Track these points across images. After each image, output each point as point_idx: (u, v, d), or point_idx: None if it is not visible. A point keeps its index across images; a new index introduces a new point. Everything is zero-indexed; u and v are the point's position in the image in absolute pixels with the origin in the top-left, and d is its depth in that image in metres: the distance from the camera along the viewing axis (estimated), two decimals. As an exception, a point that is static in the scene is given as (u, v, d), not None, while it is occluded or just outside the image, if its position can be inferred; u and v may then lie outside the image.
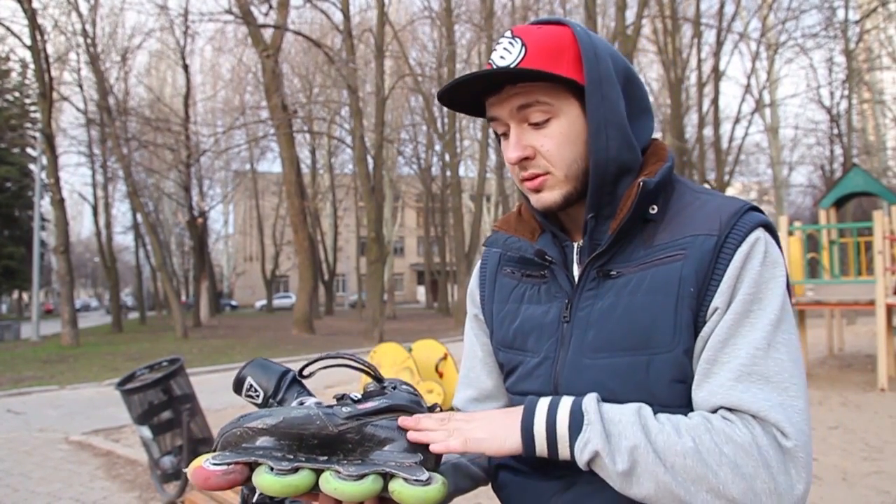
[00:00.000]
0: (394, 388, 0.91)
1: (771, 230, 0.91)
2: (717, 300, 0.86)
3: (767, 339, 0.83)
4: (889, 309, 7.77)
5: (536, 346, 0.98)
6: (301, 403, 0.90)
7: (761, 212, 0.92)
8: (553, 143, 0.92)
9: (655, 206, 0.92)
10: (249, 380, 0.94)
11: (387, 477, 0.82)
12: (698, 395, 0.85)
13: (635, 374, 0.88)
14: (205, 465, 0.81)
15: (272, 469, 0.79)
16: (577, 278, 0.96)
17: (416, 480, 0.81)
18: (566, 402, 0.85)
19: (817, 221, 11.68)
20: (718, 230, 0.88)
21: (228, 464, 0.81)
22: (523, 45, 0.90)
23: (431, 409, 0.92)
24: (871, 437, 5.47)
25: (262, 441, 0.82)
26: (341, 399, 0.89)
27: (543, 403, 0.86)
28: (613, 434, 0.81)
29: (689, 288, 0.87)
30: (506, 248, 1.04)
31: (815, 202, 18.21)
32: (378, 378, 0.92)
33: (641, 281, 0.90)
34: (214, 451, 0.84)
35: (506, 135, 0.96)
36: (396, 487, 0.81)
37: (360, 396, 0.90)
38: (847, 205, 14.09)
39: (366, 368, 0.91)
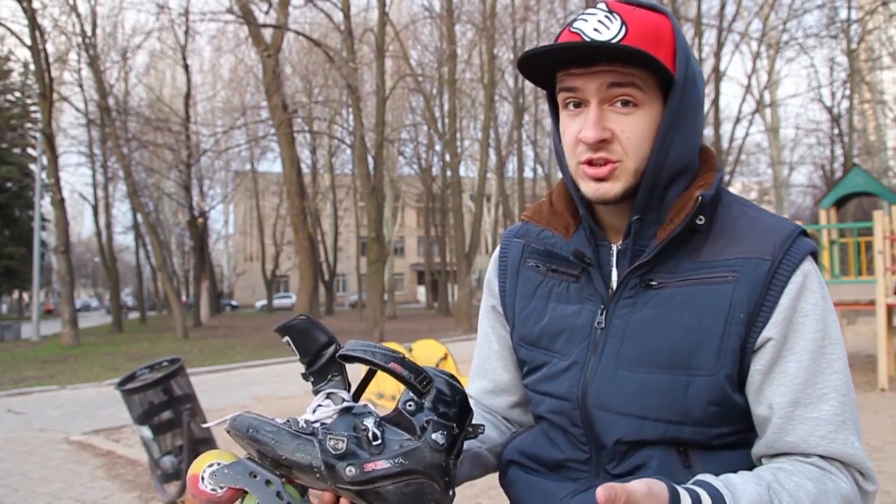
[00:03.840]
0: (436, 412, 0.83)
1: (816, 257, 0.90)
2: (772, 331, 0.84)
3: (847, 384, 0.85)
4: (889, 309, 7.76)
5: (566, 349, 0.94)
6: (327, 397, 0.85)
7: (809, 235, 0.89)
8: (636, 131, 0.86)
9: (703, 217, 0.88)
10: (287, 339, 0.89)
11: None
12: (786, 438, 0.85)
13: (673, 394, 0.86)
14: (200, 484, 0.81)
15: None
16: (614, 284, 0.93)
17: None
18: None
19: (818, 221, 11.67)
20: (773, 255, 0.85)
21: (221, 487, 0.81)
22: (623, 22, 0.85)
23: (475, 428, 0.88)
24: (871, 437, 5.46)
25: (262, 459, 0.80)
26: (363, 416, 0.83)
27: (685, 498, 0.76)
28: None
29: (739, 314, 0.84)
30: (537, 242, 1.00)
31: (816, 202, 18.21)
32: (420, 390, 0.83)
33: (687, 298, 0.87)
34: (226, 431, 0.82)
35: (577, 106, 0.88)
36: None
37: (389, 412, 0.85)
38: (847, 205, 14.10)
39: (406, 378, 0.82)
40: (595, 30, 0.85)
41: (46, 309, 43.39)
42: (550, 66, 0.89)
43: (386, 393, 6.60)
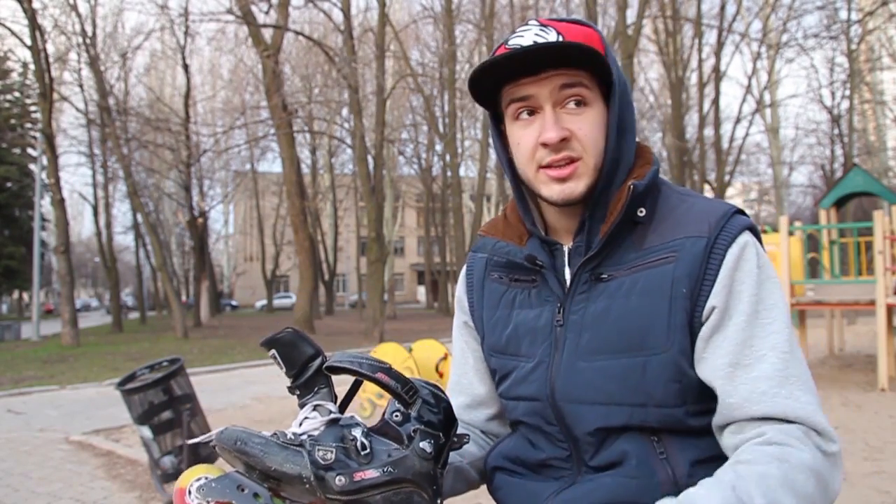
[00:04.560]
0: (422, 421, 0.83)
1: (756, 233, 0.92)
2: (714, 300, 0.87)
3: (788, 342, 0.85)
4: (889, 309, 7.76)
5: (530, 351, 0.98)
6: (314, 409, 0.86)
7: (746, 215, 0.93)
8: (591, 128, 0.91)
9: (643, 209, 0.93)
10: (274, 352, 0.90)
11: None
12: (728, 400, 0.85)
13: (632, 376, 0.88)
14: (187, 498, 0.81)
15: None
16: (568, 282, 0.96)
17: None
18: None
19: (818, 221, 11.67)
20: (708, 232, 0.89)
21: (209, 501, 0.80)
22: (558, 33, 0.90)
23: (460, 438, 0.89)
24: (871, 437, 5.46)
25: (250, 472, 0.80)
26: (350, 427, 0.83)
27: None
28: None
29: (681, 289, 0.87)
30: (494, 253, 1.04)
31: (816, 202, 18.20)
32: (406, 401, 0.84)
33: (634, 284, 0.90)
34: (211, 446, 0.82)
35: (531, 114, 0.93)
36: None
37: (376, 423, 0.85)
38: (847, 205, 14.08)
39: (393, 388, 0.83)
40: (534, 42, 0.89)
41: (46, 309, 43.38)
42: (499, 82, 0.93)
43: (386, 393, 6.60)
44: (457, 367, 1.15)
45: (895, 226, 8.57)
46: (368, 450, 0.81)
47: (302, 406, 0.88)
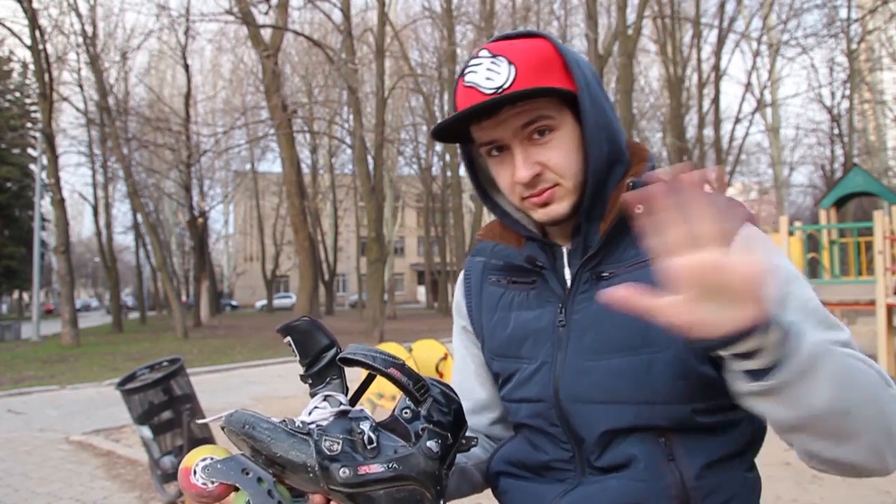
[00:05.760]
0: (431, 420, 0.83)
1: (755, 223, 0.91)
2: None
3: (813, 299, 0.84)
4: (889, 309, 7.76)
5: (532, 352, 0.97)
6: (324, 399, 0.86)
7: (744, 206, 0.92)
8: (561, 155, 0.91)
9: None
10: (289, 339, 0.90)
11: None
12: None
13: (638, 374, 0.87)
14: (192, 477, 0.82)
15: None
16: (569, 282, 0.96)
17: None
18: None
19: (818, 221, 11.68)
20: None
21: (213, 482, 0.81)
22: (510, 63, 0.89)
23: (468, 440, 0.89)
24: (871, 437, 5.46)
25: (256, 456, 0.80)
26: (359, 420, 0.83)
27: None
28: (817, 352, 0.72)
29: None
30: (493, 256, 1.04)
31: (816, 202, 18.20)
32: (417, 398, 0.83)
33: (633, 281, 0.89)
34: (221, 428, 0.82)
35: (500, 150, 0.93)
36: None
37: (385, 419, 0.85)
38: (847, 205, 14.10)
39: (405, 384, 0.82)
40: (487, 78, 0.89)
41: (46, 309, 43.38)
42: (462, 125, 0.94)
43: (386, 393, 6.60)
44: (458, 372, 1.15)
45: (895, 226, 8.58)
46: (375, 444, 0.81)
47: (313, 396, 0.88)
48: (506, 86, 0.88)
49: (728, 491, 0.87)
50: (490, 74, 0.89)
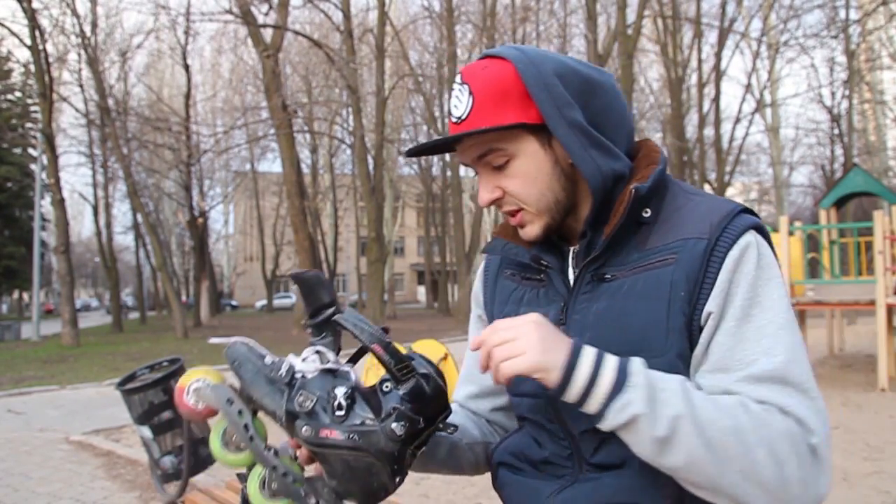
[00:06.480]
0: (407, 401, 0.83)
1: (763, 232, 0.90)
2: (711, 304, 0.85)
3: (786, 346, 0.83)
4: (889, 309, 7.76)
5: None
6: (316, 353, 0.91)
7: (753, 214, 0.91)
8: (517, 184, 0.93)
9: (649, 210, 0.92)
10: (297, 287, 0.96)
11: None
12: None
13: None
14: (185, 396, 0.93)
15: (223, 438, 0.92)
16: (572, 282, 0.97)
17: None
18: (611, 360, 0.82)
19: (818, 221, 11.68)
20: (709, 233, 0.87)
21: (200, 405, 0.93)
22: (470, 93, 0.91)
23: (446, 426, 0.90)
24: (871, 437, 5.46)
25: (240, 391, 0.89)
26: (339, 384, 0.86)
27: (589, 352, 0.82)
28: (658, 400, 0.79)
29: (679, 292, 0.86)
30: (505, 253, 1.05)
31: (816, 202, 18.20)
32: (398, 377, 0.85)
33: (634, 285, 0.90)
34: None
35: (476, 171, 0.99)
36: (252, 491, 0.88)
37: (368, 386, 0.88)
38: (847, 205, 14.09)
39: (386, 362, 0.84)
40: (455, 106, 0.93)
41: (46, 309, 43.36)
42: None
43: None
44: (469, 359, 1.17)
45: (895, 226, 8.58)
46: (344, 412, 0.84)
47: (310, 345, 0.94)
48: (463, 117, 0.92)
49: None
50: (457, 102, 0.93)
